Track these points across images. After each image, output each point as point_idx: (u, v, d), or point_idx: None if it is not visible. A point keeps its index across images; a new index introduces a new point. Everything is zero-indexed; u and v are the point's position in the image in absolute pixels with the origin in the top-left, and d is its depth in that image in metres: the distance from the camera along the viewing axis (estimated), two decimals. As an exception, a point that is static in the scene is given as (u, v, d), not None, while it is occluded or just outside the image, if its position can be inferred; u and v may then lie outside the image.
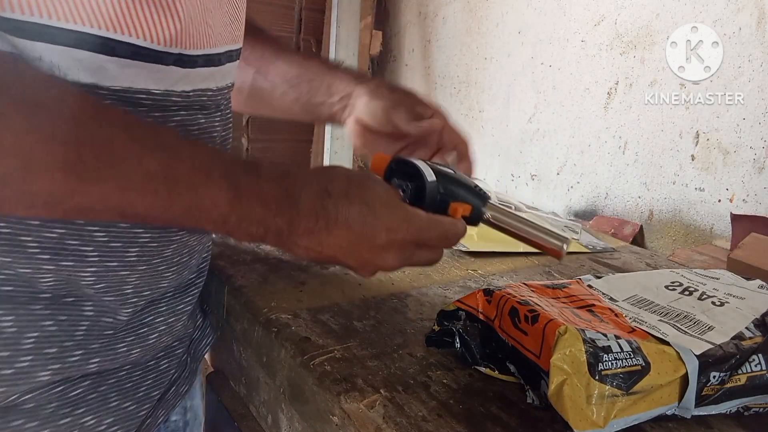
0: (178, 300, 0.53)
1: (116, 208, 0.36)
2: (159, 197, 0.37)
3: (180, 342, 0.56)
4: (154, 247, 0.47)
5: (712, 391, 0.42)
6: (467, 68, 1.59)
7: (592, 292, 0.52)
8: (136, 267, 0.46)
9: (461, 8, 1.60)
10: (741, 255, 0.76)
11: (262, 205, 0.40)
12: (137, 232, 0.45)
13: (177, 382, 0.56)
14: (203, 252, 0.57)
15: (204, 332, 0.62)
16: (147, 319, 0.50)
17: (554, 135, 1.33)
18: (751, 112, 0.98)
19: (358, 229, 0.42)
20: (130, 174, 0.36)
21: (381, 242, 0.43)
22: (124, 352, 0.48)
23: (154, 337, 0.51)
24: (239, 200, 0.39)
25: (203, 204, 0.38)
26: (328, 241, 0.42)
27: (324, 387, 0.44)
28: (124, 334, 0.48)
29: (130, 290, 0.47)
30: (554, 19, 1.32)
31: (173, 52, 0.42)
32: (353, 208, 0.42)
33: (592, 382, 0.39)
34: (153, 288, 0.49)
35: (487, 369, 0.47)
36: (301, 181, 0.42)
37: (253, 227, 0.41)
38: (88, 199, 0.35)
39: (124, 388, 0.50)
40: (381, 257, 0.44)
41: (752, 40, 0.97)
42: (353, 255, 0.44)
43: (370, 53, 1.88)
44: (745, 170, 0.99)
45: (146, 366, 0.52)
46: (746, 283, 0.57)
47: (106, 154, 0.35)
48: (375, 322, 0.54)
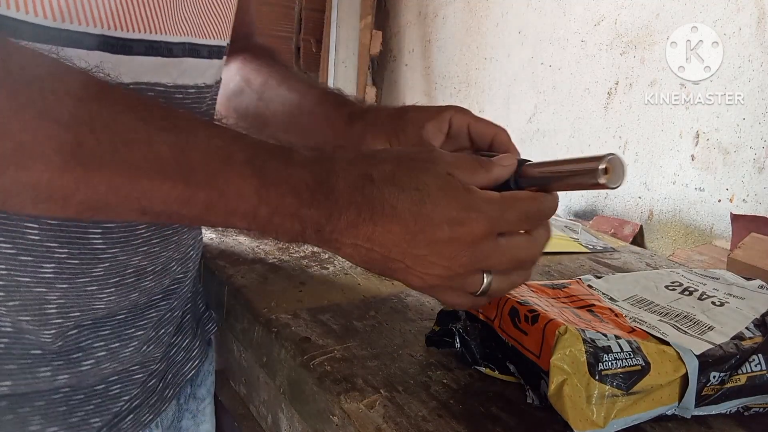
0: (129, 324, 0.48)
1: (132, 202, 0.33)
2: (176, 188, 0.33)
3: (142, 366, 0.50)
4: (75, 264, 0.42)
5: (712, 391, 0.42)
6: (467, 68, 1.59)
7: (592, 292, 0.52)
8: (55, 285, 0.41)
9: (461, 8, 1.60)
10: (741, 255, 0.76)
11: (293, 194, 0.35)
12: (51, 246, 0.40)
13: (137, 410, 0.50)
14: (175, 273, 0.52)
15: (190, 354, 0.57)
16: (83, 342, 0.45)
17: (554, 135, 1.33)
18: (751, 112, 0.97)
19: (410, 221, 0.35)
20: (138, 159, 0.32)
21: (444, 237, 0.35)
22: (46, 377, 0.43)
23: (90, 363, 0.45)
24: (266, 189, 0.34)
25: (227, 195, 0.34)
26: (377, 237, 0.36)
27: (324, 387, 0.44)
28: (53, 357, 0.43)
29: (53, 310, 0.42)
30: (554, 19, 1.32)
31: (67, 29, 0.36)
32: (402, 195, 0.35)
33: (592, 382, 0.39)
34: (84, 309, 0.44)
35: (487, 369, 0.47)
36: (340, 166, 0.36)
37: (288, 221, 0.35)
38: (97, 191, 0.32)
39: (55, 411, 0.44)
40: (452, 260, 0.36)
41: (752, 40, 0.97)
42: (414, 257, 0.36)
43: (370, 53, 1.88)
44: (745, 170, 0.99)
45: (92, 390, 0.47)
46: (746, 283, 0.57)
47: (108, 137, 0.31)
48: (375, 322, 0.54)
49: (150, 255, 0.47)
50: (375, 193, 0.35)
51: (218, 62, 0.49)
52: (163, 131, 0.33)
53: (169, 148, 0.32)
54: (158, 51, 0.41)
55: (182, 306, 0.56)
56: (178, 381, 0.56)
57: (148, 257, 0.47)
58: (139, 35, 0.40)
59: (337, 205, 0.35)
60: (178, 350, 0.56)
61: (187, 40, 0.44)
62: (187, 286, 0.56)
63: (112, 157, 0.31)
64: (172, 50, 0.42)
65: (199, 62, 0.46)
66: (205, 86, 0.48)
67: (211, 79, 0.49)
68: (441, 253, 0.36)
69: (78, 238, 0.42)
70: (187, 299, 0.57)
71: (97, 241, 0.42)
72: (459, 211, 0.35)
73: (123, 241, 0.44)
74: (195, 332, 0.59)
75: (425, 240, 0.36)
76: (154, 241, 0.47)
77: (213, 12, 0.46)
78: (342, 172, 0.36)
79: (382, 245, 0.36)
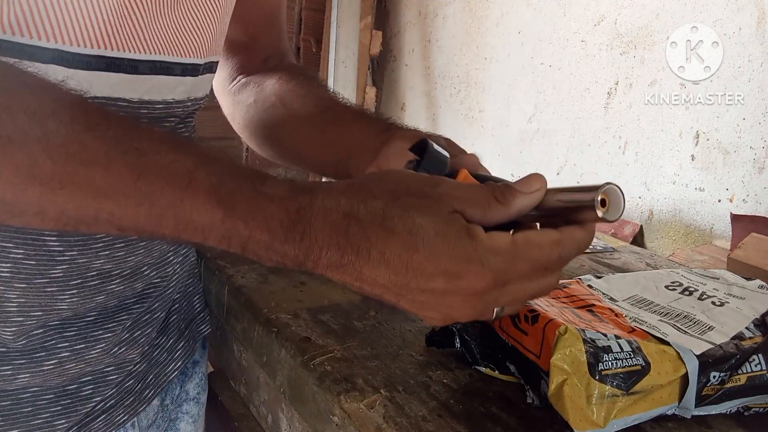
0: (98, 326, 0.47)
1: (104, 221, 0.32)
2: (142, 208, 0.31)
3: (117, 368, 0.49)
4: (32, 265, 0.41)
5: (712, 391, 0.42)
6: (467, 68, 1.59)
7: (592, 292, 0.52)
8: (12, 284, 0.41)
9: (461, 8, 1.60)
10: (741, 255, 0.76)
11: (263, 228, 0.32)
12: (6, 246, 0.40)
13: (110, 411, 0.50)
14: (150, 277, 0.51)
15: (173, 355, 0.56)
16: (48, 342, 0.44)
17: (554, 135, 1.33)
18: (751, 112, 0.98)
19: (401, 270, 0.32)
20: (98, 181, 0.31)
21: (439, 289, 0.32)
22: (6, 375, 0.43)
23: (52, 363, 0.44)
24: (233, 222, 0.32)
25: (196, 221, 0.32)
26: (366, 279, 0.33)
27: (324, 387, 0.44)
28: (16, 356, 0.43)
29: (13, 308, 0.42)
30: (554, 19, 1.32)
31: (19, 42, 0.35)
32: (392, 240, 0.32)
33: (592, 382, 0.39)
34: (46, 309, 0.43)
35: (487, 369, 0.47)
36: (319, 201, 0.33)
37: (263, 252, 0.33)
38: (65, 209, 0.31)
39: (19, 412, 0.44)
40: (452, 309, 0.33)
41: (752, 40, 0.97)
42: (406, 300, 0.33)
43: (370, 53, 1.88)
44: (745, 170, 0.99)
45: (62, 390, 0.46)
46: (746, 283, 0.57)
47: (64, 157, 0.30)
48: (375, 322, 0.54)
49: (114, 259, 0.46)
50: (360, 235, 0.32)
51: (191, 79, 0.47)
52: (123, 153, 0.31)
53: (129, 171, 0.31)
54: (120, 68, 0.40)
55: (166, 307, 0.55)
56: (161, 382, 0.55)
57: (112, 261, 0.46)
58: (98, 51, 0.39)
59: (315, 244, 0.32)
60: (161, 351, 0.55)
61: (158, 58, 0.43)
62: (171, 289, 0.55)
63: (72, 178, 0.30)
64: (137, 67, 0.41)
65: (169, 79, 0.44)
66: (175, 102, 0.47)
67: (182, 95, 0.47)
68: (440, 302, 0.33)
69: (33, 239, 0.41)
70: (173, 301, 0.57)
71: (53, 243, 0.42)
72: (457, 263, 0.32)
73: (81, 244, 0.44)
74: (182, 332, 0.59)
75: (419, 289, 0.32)
76: (117, 245, 0.46)
77: (191, 30, 0.45)
78: (321, 211, 0.33)
79: (373, 286, 0.33)
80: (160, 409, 0.58)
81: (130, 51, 0.41)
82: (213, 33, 0.48)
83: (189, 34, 0.45)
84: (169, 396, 0.59)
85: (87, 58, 0.39)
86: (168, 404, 0.59)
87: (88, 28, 0.38)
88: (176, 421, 0.60)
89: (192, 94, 0.49)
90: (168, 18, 0.43)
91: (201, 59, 0.48)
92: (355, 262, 0.32)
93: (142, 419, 0.54)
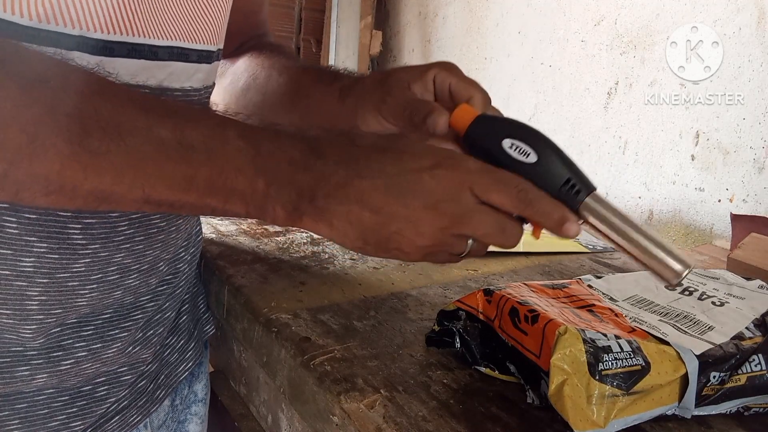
0: (114, 325, 0.48)
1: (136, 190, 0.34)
2: (178, 168, 0.35)
3: (130, 368, 0.50)
4: (55, 259, 0.42)
5: (712, 391, 0.42)
6: (467, 68, 1.59)
7: (592, 292, 0.52)
8: (35, 279, 0.42)
9: (461, 8, 1.60)
10: (741, 255, 0.76)
11: (287, 161, 0.37)
12: (29, 240, 0.41)
13: (124, 412, 0.50)
14: (163, 273, 0.52)
15: (184, 355, 0.57)
16: (65, 341, 0.45)
17: (554, 135, 1.33)
18: (751, 112, 0.98)
19: (394, 171, 0.38)
20: (141, 144, 0.34)
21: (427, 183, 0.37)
22: (24, 376, 0.43)
23: (69, 363, 0.45)
24: (262, 158, 0.37)
25: (226, 171, 0.36)
26: (367, 197, 0.37)
27: (324, 387, 0.44)
28: (33, 355, 0.43)
29: (34, 306, 0.42)
30: (554, 19, 1.32)
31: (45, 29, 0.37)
32: (385, 154, 0.39)
33: (592, 382, 0.39)
34: (66, 306, 0.44)
35: (487, 369, 0.47)
36: (324, 137, 0.40)
37: (285, 192, 0.37)
38: (103, 181, 0.34)
39: (36, 414, 0.44)
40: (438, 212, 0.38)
41: (752, 40, 0.97)
42: (404, 219, 0.38)
43: (370, 53, 1.88)
44: (745, 170, 0.99)
45: (77, 391, 0.47)
46: (746, 283, 0.57)
47: (113, 126, 0.33)
48: (375, 322, 0.54)
49: (134, 252, 0.47)
50: (360, 153, 0.39)
51: (207, 66, 0.49)
52: (162, 117, 0.35)
53: (169, 132, 0.35)
54: (141, 54, 0.42)
55: (176, 307, 0.56)
56: (171, 382, 0.56)
57: (131, 255, 0.47)
58: (120, 37, 0.41)
59: (327, 166, 0.38)
60: (171, 351, 0.56)
61: (175, 44, 0.45)
62: (181, 288, 0.56)
63: (118, 145, 0.33)
64: (157, 53, 0.43)
65: (186, 66, 0.46)
66: (192, 89, 0.48)
67: (199, 83, 0.49)
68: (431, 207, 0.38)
69: (57, 232, 0.42)
70: (182, 301, 0.57)
71: (76, 236, 0.43)
72: (439, 158, 0.38)
73: (104, 237, 0.44)
74: (191, 333, 0.59)
75: (410, 189, 0.38)
76: (137, 238, 0.46)
77: (204, 17, 0.47)
78: (330, 140, 0.39)
79: (372, 206, 0.37)
80: (171, 410, 0.58)
81: (150, 37, 0.43)
82: (223, 19, 0.50)
83: (202, 19, 0.47)
84: (178, 396, 0.59)
85: (110, 44, 0.40)
86: (177, 405, 0.59)
87: (111, 14, 0.40)
88: (185, 422, 0.61)
89: (206, 81, 0.51)
90: (183, 3, 0.45)
91: (213, 46, 0.49)
92: (356, 176, 0.38)
93: (153, 420, 0.55)
